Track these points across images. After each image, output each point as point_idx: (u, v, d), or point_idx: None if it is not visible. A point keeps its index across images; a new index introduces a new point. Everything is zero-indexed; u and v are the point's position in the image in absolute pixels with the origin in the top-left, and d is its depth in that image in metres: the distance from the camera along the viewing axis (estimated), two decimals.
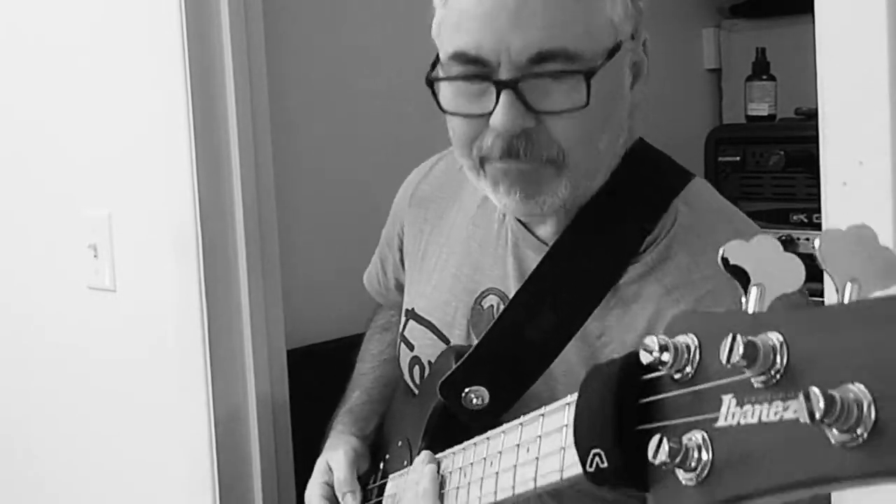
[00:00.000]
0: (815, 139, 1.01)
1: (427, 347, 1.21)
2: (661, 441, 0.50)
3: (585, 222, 1.08)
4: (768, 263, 0.51)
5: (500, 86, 0.97)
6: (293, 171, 1.93)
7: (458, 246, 1.22)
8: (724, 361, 0.46)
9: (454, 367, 1.08)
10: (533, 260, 1.11)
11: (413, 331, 1.25)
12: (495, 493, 0.87)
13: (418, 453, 1.09)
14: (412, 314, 1.26)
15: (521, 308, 1.08)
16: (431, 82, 1.03)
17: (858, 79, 0.96)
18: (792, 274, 0.51)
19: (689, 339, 0.51)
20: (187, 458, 1.62)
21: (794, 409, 0.44)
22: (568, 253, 1.08)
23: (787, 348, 0.46)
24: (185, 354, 1.59)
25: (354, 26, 2.03)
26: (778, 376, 0.46)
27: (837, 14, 0.97)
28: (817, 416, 0.42)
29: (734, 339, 0.46)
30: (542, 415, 0.80)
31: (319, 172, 2.06)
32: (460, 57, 1.00)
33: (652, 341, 0.51)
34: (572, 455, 0.62)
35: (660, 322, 1.01)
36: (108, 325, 1.77)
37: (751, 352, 0.46)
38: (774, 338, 0.46)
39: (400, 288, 1.34)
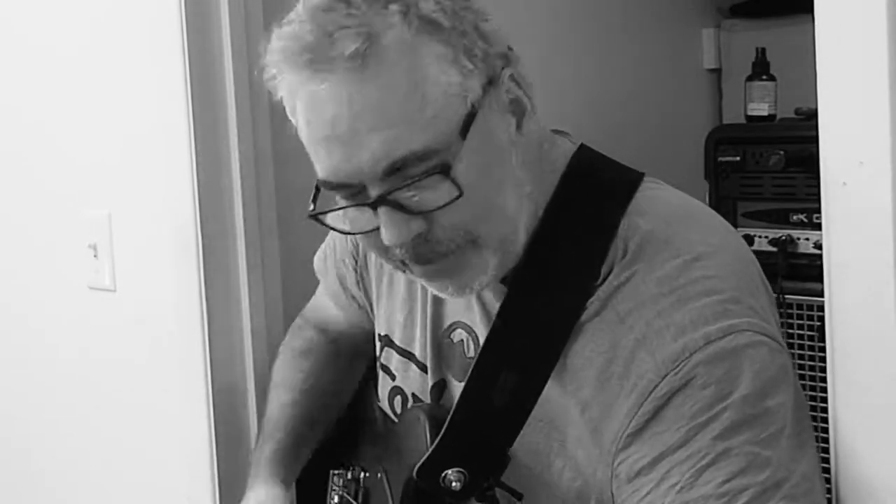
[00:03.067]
0: (815, 139, 1.01)
1: (410, 380, 1.20)
2: None
3: (532, 272, 1.03)
4: None
5: (373, 205, 0.93)
6: (293, 171, 1.93)
7: None
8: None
9: (429, 451, 1.04)
10: (490, 298, 1.08)
11: (393, 360, 1.23)
12: None
13: None
14: (388, 341, 1.24)
15: (485, 376, 1.04)
16: (316, 217, 0.99)
17: (858, 79, 0.96)
18: None
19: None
20: (187, 458, 1.62)
21: None
22: (520, 311, 1.03)
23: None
24: (184, 355, 1.59)
25: None
26: None
27: (837, 14, 0.97)
28: None
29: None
30: None
31: None
32: (328, 185, 0.96)
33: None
34: None
35: (618, 353, 0.96)
36: (108, 325, 1.77)
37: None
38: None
39: (362, 299, 1.31)
